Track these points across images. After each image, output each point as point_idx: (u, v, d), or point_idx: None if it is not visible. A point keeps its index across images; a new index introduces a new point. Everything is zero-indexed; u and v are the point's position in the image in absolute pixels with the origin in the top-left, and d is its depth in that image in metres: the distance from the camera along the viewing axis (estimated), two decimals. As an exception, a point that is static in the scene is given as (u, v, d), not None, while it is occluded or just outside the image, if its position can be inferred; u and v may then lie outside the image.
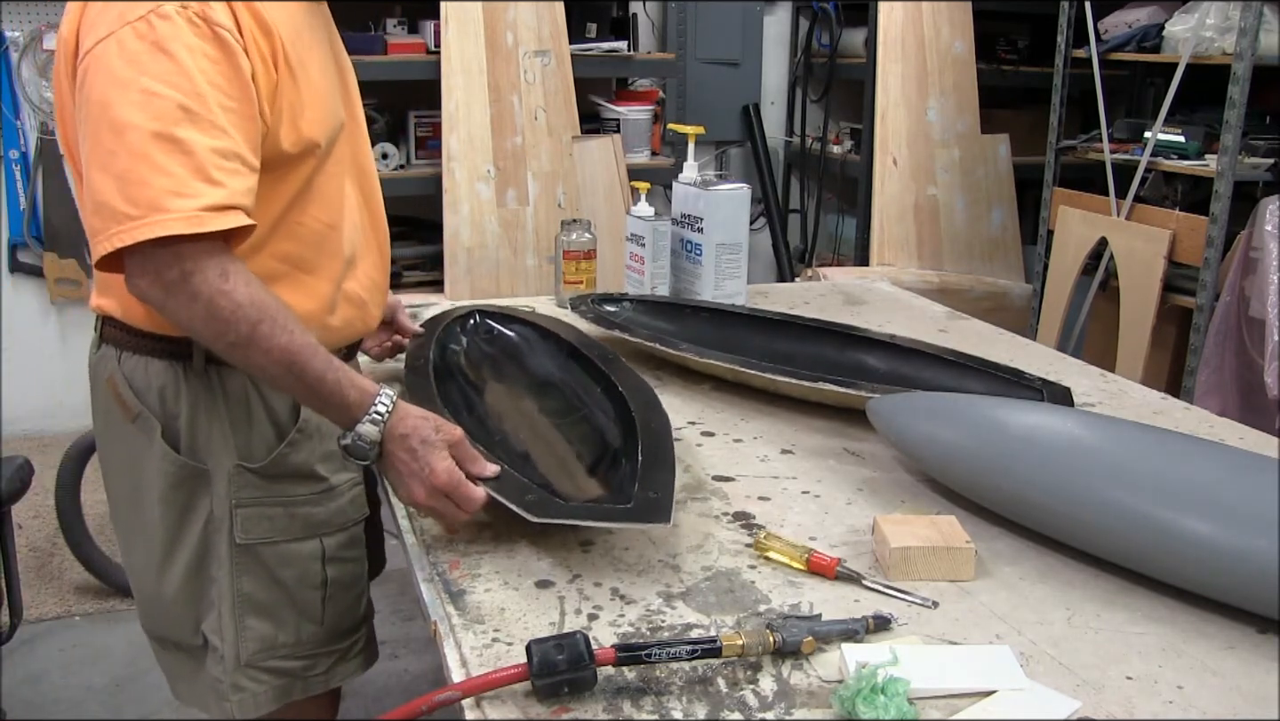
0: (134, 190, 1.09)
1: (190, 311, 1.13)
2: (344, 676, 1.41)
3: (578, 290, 2.15)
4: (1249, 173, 3.04)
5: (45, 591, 2.90)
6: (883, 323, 2.11)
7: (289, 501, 1.33)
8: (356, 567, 1.41)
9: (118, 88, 1.11)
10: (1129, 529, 1.10)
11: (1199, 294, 3.00)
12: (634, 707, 0.92)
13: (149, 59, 1.11)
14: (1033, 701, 0.93)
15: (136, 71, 1.11)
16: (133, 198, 1.09)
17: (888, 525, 1.17)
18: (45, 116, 3.79)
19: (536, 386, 1.60)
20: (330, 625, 1.38)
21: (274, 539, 1.32)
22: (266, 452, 1.31)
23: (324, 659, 1.38)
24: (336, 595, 1.38)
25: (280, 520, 1.32)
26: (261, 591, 1.33)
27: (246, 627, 1.33)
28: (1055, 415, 1.30)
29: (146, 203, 1.09)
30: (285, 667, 1.36)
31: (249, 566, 1.32)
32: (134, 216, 1.09)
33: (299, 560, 1.34)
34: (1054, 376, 1.80)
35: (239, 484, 1.30)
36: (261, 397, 1.32)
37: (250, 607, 1.33)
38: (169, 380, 1.29)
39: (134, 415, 1.30)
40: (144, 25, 1.11)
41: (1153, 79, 4.05)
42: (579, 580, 1.13)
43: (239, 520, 1.30)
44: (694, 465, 1.43)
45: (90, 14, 1.17)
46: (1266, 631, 1.05)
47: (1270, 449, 1.46)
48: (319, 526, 1.35)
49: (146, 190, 1.09)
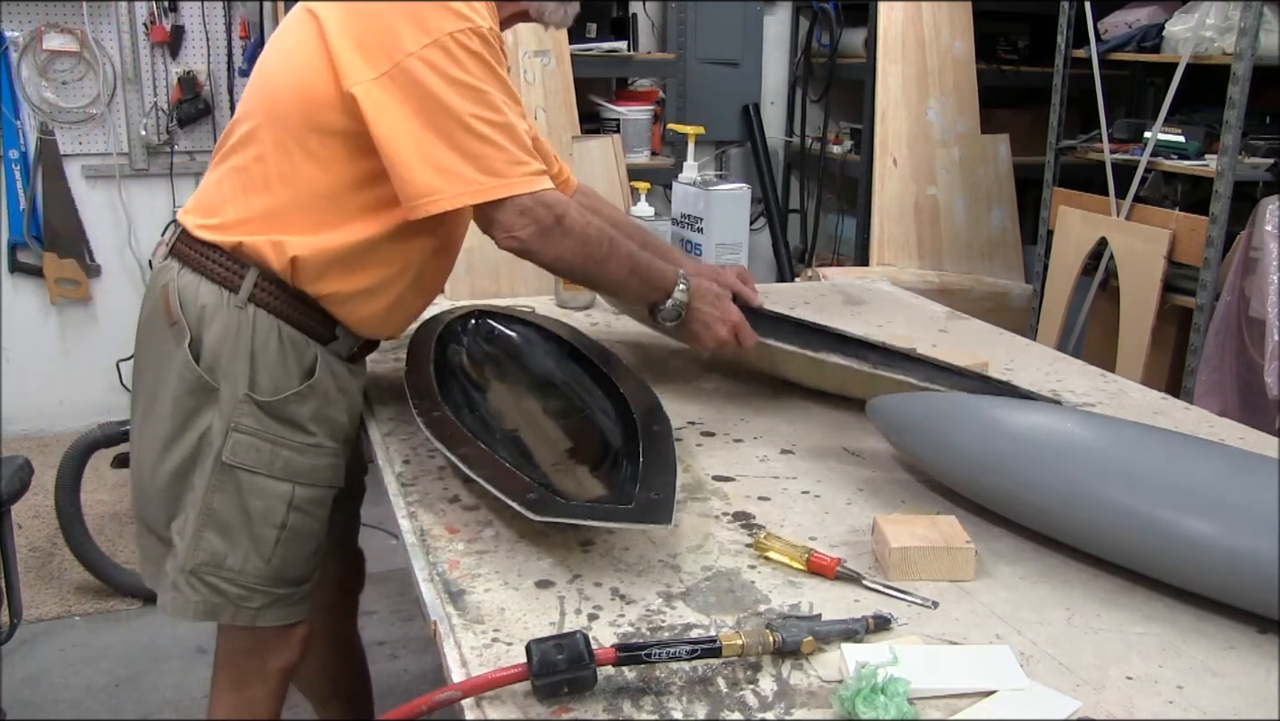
0: (484, 163, 1.35)
1: (564, 246, 1.42)
2: (273, 619, 1.50)
3: (578, 290, 2.15)
4: (1249, 173, 3.04)
5: (45, 591, 2.90)
6: (883, 323, 2.11)
7: (278, 441, 1.44)
8: (315, 524, 1.51)
9: (452, 86, 1.34)
10: (1129, 529, 1.10)
11: (1199, 294, 3.00)
12: (634, 707, 0.92)
13: (473, 65, 1.36)
14: (1033, 701, 0.93)
15: (465, 74, 1.35)
16: (485, 169, 1.35)
17: (888, 525, 1.17)
18: (45, 116, 3.79)
19: (537, 386, 1.60)
20: (276, 567, 1.47)
21: (255, 468, 1.43)
22: (273, 392, 1.43)
23: (259, 595, 1.47)
24: (290, 541, 1.47)
25: (265, 454, 1.44)
26: (227, 511, 1.44)
27: (203, 539, 1.44)
28: (1055, 415, 1.30)
29: (497, 171, 1.35)
30: (222, 588, 1.46)
31: (224, 485, 1.43)
32: (483, 184, 1.35)
33: (269, 495, 1.45)
34: (1054, 376, 1.81)
35: (242, 411, 1.42)
36: (283, 347, 1.44)
37: (212, 522, 1.44)
38: (211, 301, 1.43)
39: (173, 321, 1.44)
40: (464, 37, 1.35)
41: (1153, 79, 4.05)
42: (579, 580, 1.13)
43: (231, 442, 1.42)
44: (694, 465, 1.43)
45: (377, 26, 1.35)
46: (1266, 631, 1.05)
47: (1270, 449, 1.46)
48: (296, 473, 1.46)
49: (493, 162, 1.35)
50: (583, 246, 1.44)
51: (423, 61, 1.34)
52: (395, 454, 1.45)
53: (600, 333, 1.97)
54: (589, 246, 1.44)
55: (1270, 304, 2.79)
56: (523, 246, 1.40)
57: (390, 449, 1.47)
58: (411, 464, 1.42)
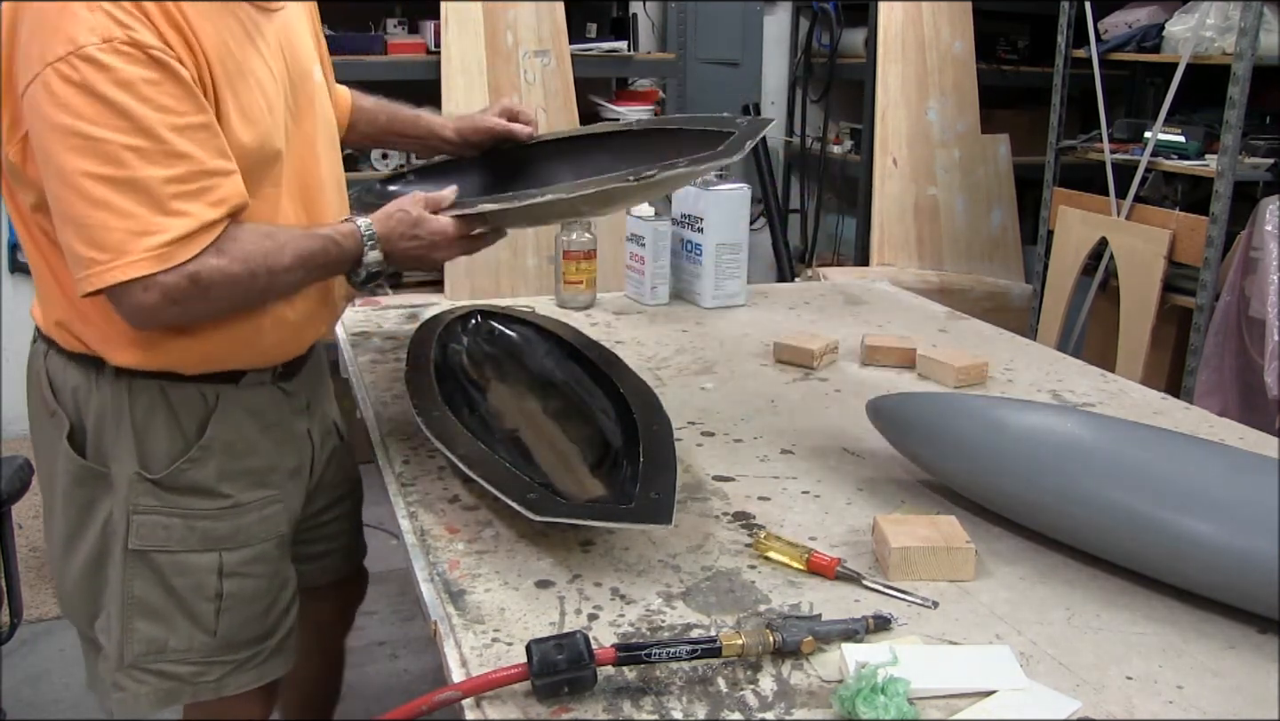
0: (98, 235, 1.11)
1: (211, 303, 1.20)
2: (239, 686, 1.40)
3: (578, 290, 2.15)
4: (1249, 173, 3.04)
5: (45, 591, 2.90)
6: (883, 322, 2.11)
7: (187, 514, 1.33)
8: (261, 583, 1.40)
9: (56, 134, 1.10)
10: (1129, 529, 1.10)
11: (1199, 294, 3.00)
12: (634, 707, 0.92)
13: (82, 104, 1.09)
14: (1033, 701, 0.93)
15: (71, 117, 1.09)
16: (99, 243, 1.11)
17: (888, 525, 1.17)
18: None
19: (538, 386, 1.60)
20: (225, 636, 1.37)
21: (169, 547, 1.32)
22: (168, 464, 1.31)
23: (217, 666, 1.38)
24: (234, 608, 1.37)
25: (177, 530, 1.32)
26: (153, 596, 1.33)
27: (134, 630, 1.34)
28: (1055, 415, 1.30)
29: (113, 247, 1.11)
30: (173, 671, 1.36)
31: (141, 571, 1.33)
32: (101, 261, 1.11)
33: (194, 570, 1.34)
34: (1054, 376, 1.81)
35: (137, 491, 1.31)
36: (169, 410, 1.31)
37: (139, 611, 1.33)
38: (82, 382, 1.31)
39: (51, 411, 1.34)
40: (67, 68, 1.08)
41: (1153, 79, 4.06)
42: (579, 580, 1.13)
43: (135, 526, 1.31)
44: (694, 465, 1.43)
45: (18, 45, 1.14)
46: (1266, 631, 1.05)
47: (1270, 449, 1.46)
48: (219, 541, 1.35)
49: (110, 235, 1.11)
50: (234, 292, 1.21)
51: (29, 104, 1.11)
52: (395, 454, 1.45)
53: (600, 333, 1.97)
54: (241, 288, 1.21)
55: (1270, 304, 2.79)
56: (164, 322, 1.21)
57: (390, 449, 1.47)
58: (411, 464, 1.42)
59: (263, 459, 1.39)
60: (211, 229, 1.16)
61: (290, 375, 1.43)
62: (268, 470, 1.39)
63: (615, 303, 2.23)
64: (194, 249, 1.14)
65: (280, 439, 1.42)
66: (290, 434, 1.44)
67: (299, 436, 1.46)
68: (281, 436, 1.42)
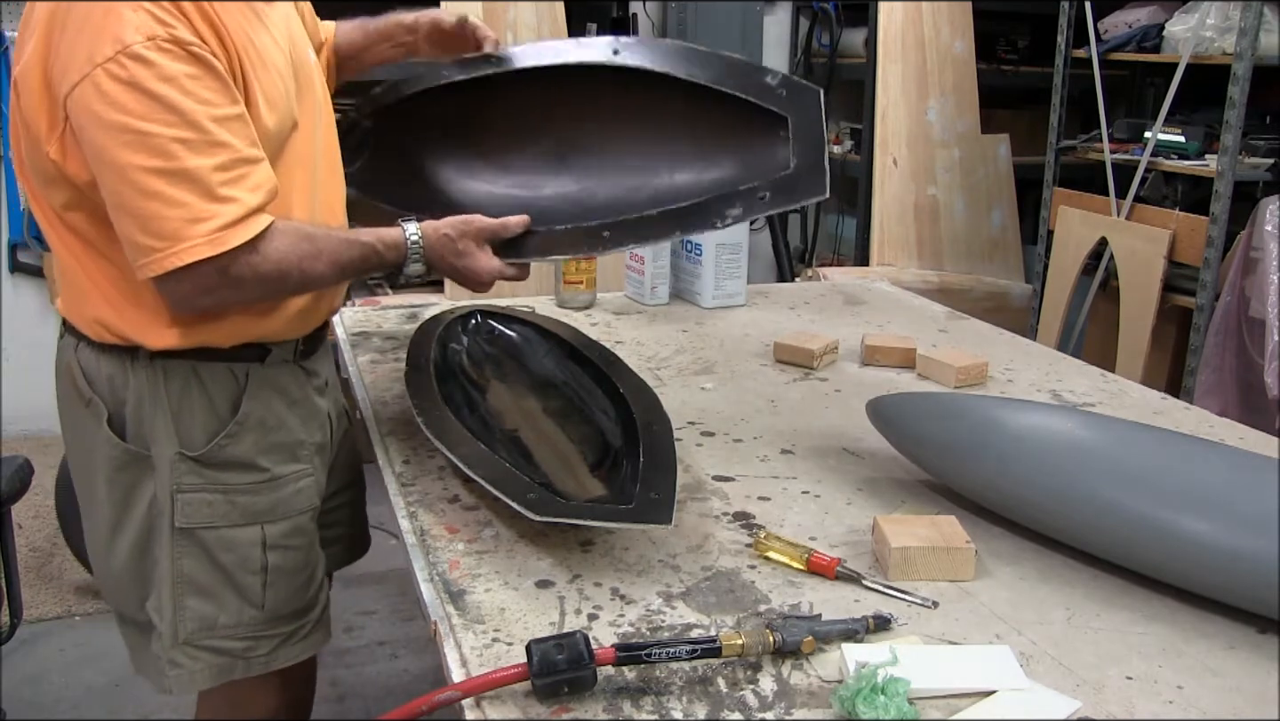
0: (154, 225, 1.17)
1: (245, 295, 1.26)
2: (288, 659, 1.44)
3: (578, 290, 2.16)
4: (1249, 173, 3.04)
5: (45, 591, 2.90)
6: (883, 323, 2.12)
7: (228, 489, 1.37)
8: (301, 556, 1.44)
9: (108, 131, 1.15)
10: (1129, 529, 1.10)
11: (1199, 294, 3.00)
12: (634, 707, 0.92)
13: (131, 100, 1.14)
14: (1033, 701, 0.93)
15: (122, 114, 1.14)
16: (156, 232, 1.17)
17: (888, 525, 1.17)
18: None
19: (538, 386, 1.60)
20: (272, 609, 1.41)
21: (214, 524, 1.36)
22: (206, 441, 1.35)
23: (266, 641, 1.42)
24: (278, 581, 1.41)
25: (220, 506, 1.36)
26: (202, 573, 1.37)
27: (185, 607, 1.37)
28: (1055, 415, 1.30)
29: (170, 234, 1.17)
30: (225, 647, 1.39)
31: (189, 549, 1.36)
32: (158, 249, 1.17)
33: (239, 545, 1.38)
34: (1054, 376, 1.81)
35: (180, 470, 1.34)
36: (203, 389, 1.35)
37: (190, 588, 1.37)
38: (116, 370, 1.34)
39: (86, 400, 1.36)
40: (116, 67, 1.13)
41: (1153, 79, 4.06)
42: (579, 580, 1.13)
43: (179, 505, 1.35)
44: (694, 465, 1.43)
45: (61, 48, 1.17)
46: (1266, 631, 1.05)
47: (1270, 449, 1.46)
48: (260, 514, 1.39)
49: (166, 224, 1.17)
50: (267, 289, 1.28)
51: (78, 104, 1.15)
52: (395, 454, 1.45)
53: (600, 333, 1.97)
54: (274, 286, 1.28)
55: (1270, 304, 2.79)
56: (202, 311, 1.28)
57: (390, 449, 1.47)
58: (411, 464, 1.42)
59: (292, 434, 1.43)
60: (257, 214, 1.21)
61: (309, 353, 1.47)
62: (297, 445, 1.44)
63: (615, 303, 2.23)
64: (248, 233, 1.20)
65: (305, 415, 1.45)
66: (313, 411, 1.48)
67: (321, 413, 1.50)
68: (306, 413, 1.46)
